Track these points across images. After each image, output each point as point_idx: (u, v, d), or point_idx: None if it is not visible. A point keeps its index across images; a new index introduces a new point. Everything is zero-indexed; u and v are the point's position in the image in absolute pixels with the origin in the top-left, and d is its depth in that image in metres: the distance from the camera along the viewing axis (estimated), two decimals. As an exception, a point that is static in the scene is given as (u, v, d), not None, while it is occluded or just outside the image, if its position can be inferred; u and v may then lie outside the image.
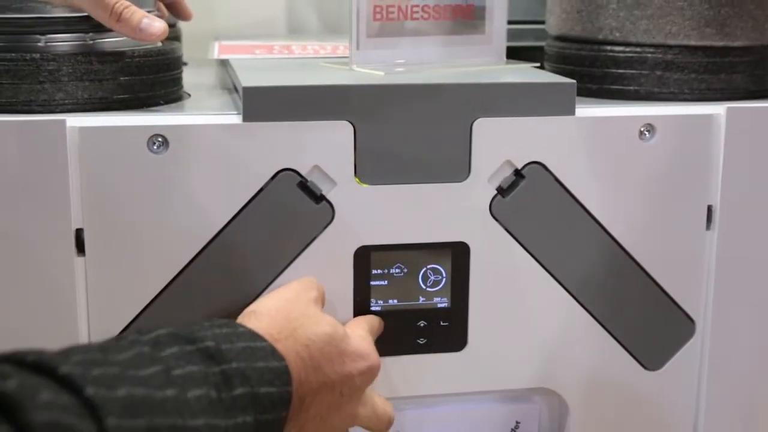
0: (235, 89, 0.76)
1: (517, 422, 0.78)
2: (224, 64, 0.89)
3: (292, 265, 0.69)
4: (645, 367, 0.77)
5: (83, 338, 0.66)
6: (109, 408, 0.41)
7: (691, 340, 0.77)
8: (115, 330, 0.67)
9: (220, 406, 0.50)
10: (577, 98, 0.71)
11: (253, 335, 0.57)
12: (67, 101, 0.67)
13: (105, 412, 0.41)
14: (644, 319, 0.76)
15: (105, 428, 0.40)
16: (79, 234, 0.65)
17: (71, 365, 0.42)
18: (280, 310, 0.62)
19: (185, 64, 0.80)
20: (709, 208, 0.75)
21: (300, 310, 0.62)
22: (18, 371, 0.41)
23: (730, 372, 0.78)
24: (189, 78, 0.79)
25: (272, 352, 0.56)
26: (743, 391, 0.79)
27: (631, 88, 0.78)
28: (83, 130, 0.64)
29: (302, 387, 0.58)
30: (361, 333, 0.66)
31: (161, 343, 0.51)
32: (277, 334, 0.59)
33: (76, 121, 0.64)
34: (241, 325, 0.58)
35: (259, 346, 0.56)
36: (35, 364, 0.42)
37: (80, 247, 0.65)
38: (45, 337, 0.66)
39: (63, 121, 0.64)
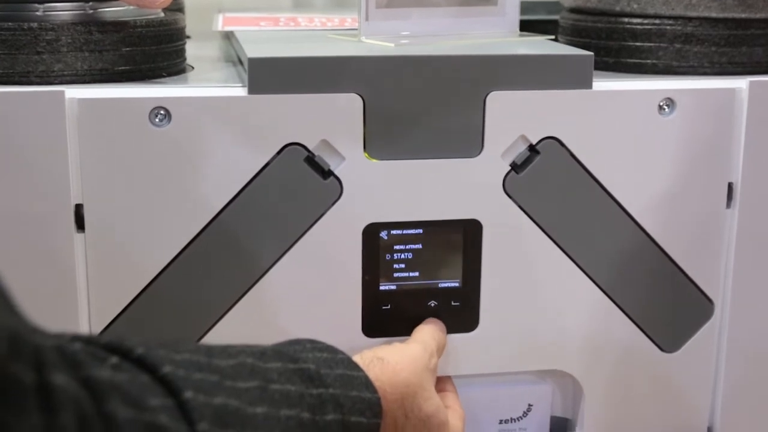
0: (240, 61, 0.74)
1: (530, 405, 0.76)
2: (228, 36, 0.87)
3: (299, 243, 0.67)
4: (662, 349, 0.75)
5: (83, 316, 0.65)
6: (202, 413, 0.43)
7: (710, 322, 0.75)
8: (116, 308, 0.65)
9: (310, 428, 0.51)
10: (594, 72, 0.69)
11: (351, 364, 0.58)
12: (66, 72, 0.65)
13: (198, 416, 0.42)
14: (661, 299, 0.74)
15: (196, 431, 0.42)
16: (78, 209, 0.64)
17: (175, 365, 0.44)
18: (405, 370, 0.62)
19: (188, 37, 0.78)
20: (730, 186, 0.72)
21: (419, 379, 0.63)
22: (126, 367, 0.42)
23: (749, 354, 0.76)
24: (192, 51, 0.77)
25: (367, 384, 0.57)
26: (762, 374, 0.77)
27: (650, 61, 0.76)
28: (83, 102, 0.62)
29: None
30: None
31: (267, 355, 0.52)
32: (390, 395, 0.60)
33: (75, 92, 0.62)
34: (340, 352, 0.58)
35: (355, 375, 0.57)
36: (140, 359, 0.43)
37: (80, 223, 0.64)
38: (44, 314, 0.64)
39: (62, 93, 0.62)
